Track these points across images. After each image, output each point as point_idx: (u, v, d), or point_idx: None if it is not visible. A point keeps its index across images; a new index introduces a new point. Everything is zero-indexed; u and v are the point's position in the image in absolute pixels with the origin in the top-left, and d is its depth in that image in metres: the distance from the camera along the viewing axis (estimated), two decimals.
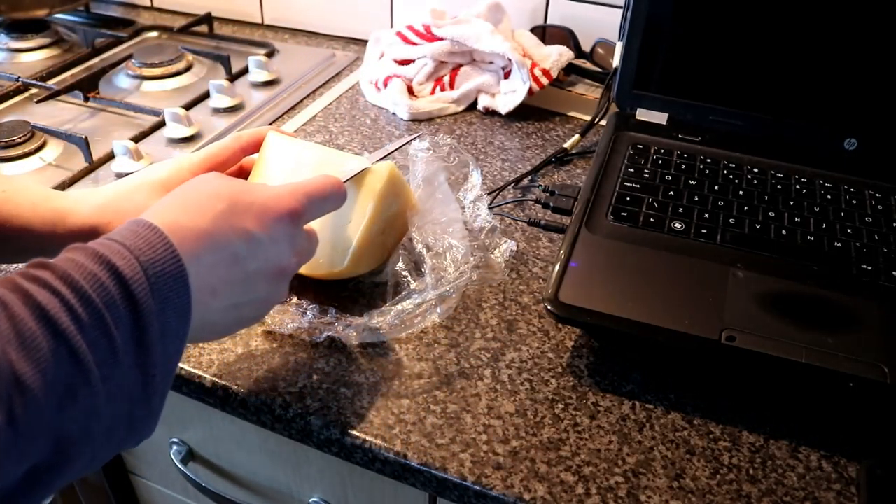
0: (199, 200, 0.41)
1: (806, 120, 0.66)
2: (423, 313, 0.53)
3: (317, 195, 0.46)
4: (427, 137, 0.63)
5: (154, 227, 0.37)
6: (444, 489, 0.46)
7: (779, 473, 0.46)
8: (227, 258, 0.40)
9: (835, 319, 0.49)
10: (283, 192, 0.44)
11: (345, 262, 0.54)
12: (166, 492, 0.74)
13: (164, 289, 0.36)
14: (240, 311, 0.43)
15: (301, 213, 0.45)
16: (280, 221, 0.43)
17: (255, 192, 0.43)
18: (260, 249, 0.42)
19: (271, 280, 0.44)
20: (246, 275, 0.42)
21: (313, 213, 0.46)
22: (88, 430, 0.33)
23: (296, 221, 0.45)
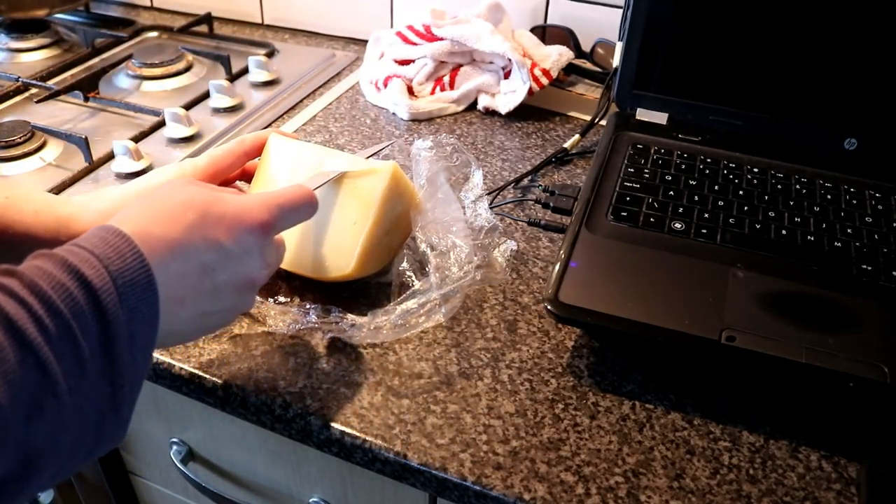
0: (171, 209, 0.40)
1: (806, 120, 0.66)
2: (427, 313, 0.53)
3: (288, 206, 0.46)
4: (430, 137, 0.62)
5: (123, 235, 0.37)
6: (444, 489, 0.46)
7: (779, 473, 0.46)
8: (196, 269, 0.40)
9: (835, 319, 0.49)
10: (254, 203, 0.44)
11: (351, 264, 0.54)
12: (166, 492, 0.74)
13: (133, 298, 0.35)
14: (206, 320, 0.43)
15: (272, 226, 0.45)
16: (251, 234, 0.43)
17: (227, 203, 0.43)
18: (230, 261, 0.42)
19: (240, 291, 0.44)
20: (215, 286, 0.42)
21: (285, 224, 0.46)
22: (55, 441, 0.32)
23: (267, 233, 0.44)
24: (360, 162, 0.55)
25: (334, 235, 0.54)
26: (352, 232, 0.54)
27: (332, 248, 0.54)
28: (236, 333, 0.55)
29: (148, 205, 0.41)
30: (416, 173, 0.59)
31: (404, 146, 0.78)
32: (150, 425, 0.67)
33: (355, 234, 0.54)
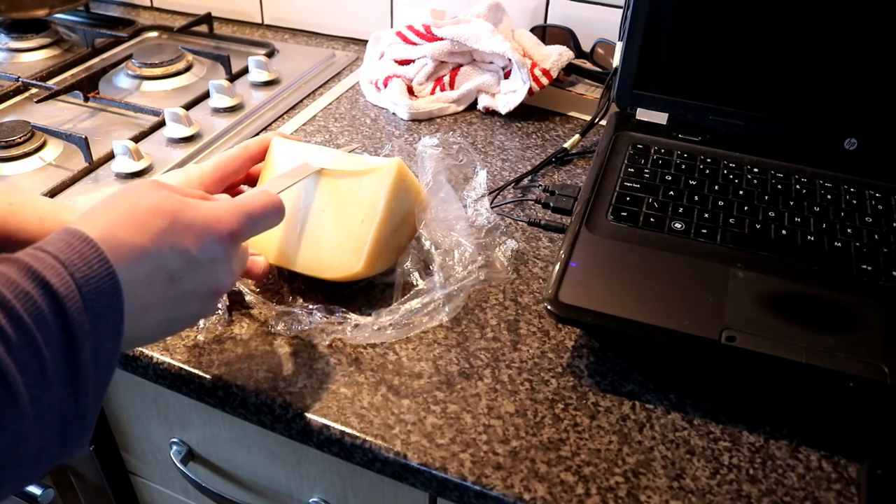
0: (140, 214, 0.40)
1: (806, 120, 0.66)
2: (430, 312, 0.53)
3: (256, 215, 0.45)
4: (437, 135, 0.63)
5: (90, 241, 0.36)
6: (444, 489, 0.46)
7: (779, 473, 0.46)
8: (163, 277, 0.40)
9: (835, 319, 0.49)
10: (223, 211, 0.44)
11: (360, 262, 0.53)
12: (166, 492, 0.74)
13: (98, 306, 0.35)
14: (170, 325, 0.43)
15: (240, 235, 0.44)
16: (219, 243, 0.43)
17: (196, 211, 0.42)
18: (198, 270, 0.42)
19: (205, 298, 0.44)
20: (181, 293, 0.41)
21: (252, 232, 0.46)
22: (16, 453, 0.32)
23: (234, 242, 0.44)
24: (364, 160, 0.55)
25: (342, 234, 0.54)
26: (360, 230, 0.54)
27: (340, 247, 0.54)
28: (236, 333, 0.55)
29: (116, 208, 0.40)
30: (420, 171, 0.59)
31: (404, 146, 0.78)
32: (150, 425, 0.67)
33: (364, 232, 0.54)
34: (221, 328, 0.55)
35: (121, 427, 0.70)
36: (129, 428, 0.70)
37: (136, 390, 0.64)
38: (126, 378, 0.63)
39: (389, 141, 0.79)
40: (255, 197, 0.46)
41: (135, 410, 0.67)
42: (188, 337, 0.55)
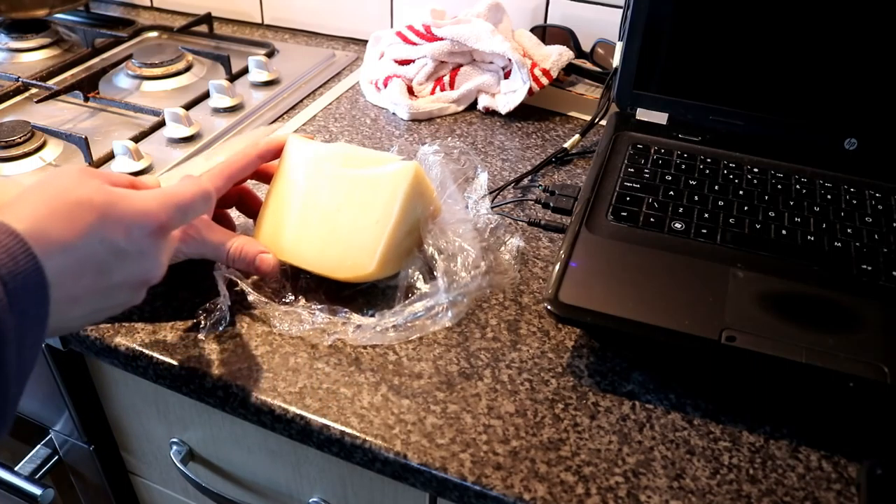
0: (70, 208, 0.39)
1: (806, 120, 0.66)
2: (433, 317, 0.53)
3: (185, 204, 0.45)
4: (437, 142, 0.63)
5: (16, 235, 0.35)
6: (444, 489, 0.46)
7: (779, 473, 0.46)
8: (91, 270, 0.39)
9: (835, 319, 0.49)
10: (152, 203, 0.43)
11: (373, 263, 0.53)
12: (166, 492, 0.74)
13: (24, 301, 0.34)
14: (96, 315, 0.43)
15: (169, 226, 0.44)
16: (149, 236, 0.43)
17: (125, 203, 0.41)
18: (127, 262, 0.42)
19: (134, 289, 0.44)
20: (110, 285, 0.41)
21: (182, 221, 0.46)
22: None
23: (164, 233, 0.44)
24: (381, 162, 0.55)
25: (355, 235, 0.54)
26: (374, 232, 0.54)
27: (352, 248, 0.54)
28: (237, 333, 0.55)
29: (44, 199, 0.39)
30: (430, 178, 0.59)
31: (406, 146, 0.78)
32: (150, 425, 0.67)
33: (377, 234, 0.53)
34: (222, 328, 0.55)
35: (121, 427, 0.70)
36: (129, 428, 0.70)
37: (136, 390, 0.64)
38: (126, 378, 0.63)
39: (390, 141, 0.79)
40: (184, 186, 0.46)
41: (135, 410, 0.67)
42: (188, 337, 0.55)
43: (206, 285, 0.59)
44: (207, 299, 0.57)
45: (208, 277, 0.60)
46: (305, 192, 0.56)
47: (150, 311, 0.57)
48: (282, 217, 0.57)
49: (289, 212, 0.56)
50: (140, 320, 0.56)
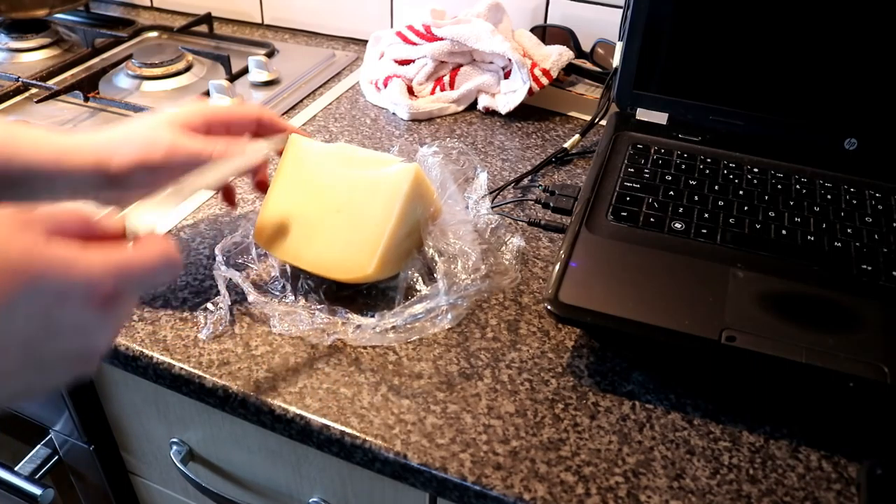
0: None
1: (806, 120, 0.66)
2: (433, 319, 0.53)
3: (139, 272, 0.38)
4: (435, 143, 0.63)
5: None
6: (444, 489, 0.46)
7: (779, 473, 0.46)
8: (16, 346, 0.34)
9: (835, 319, 0.49)
10: (96, 269, 0.36)
11: (372, 265, 0.53)
12: (166, 492, 0.74)
13: None
14: (27, 392, 0.37)
15: (117, 297, 0.37)
16: (90, 308, 0.36)
17: (61, 267, 0.35)
18: (61, 338, 0.36)
19: (76, 364, 0.38)
20: (41, 362, 0.36)
21: (136, 291, 0.40)
22: None
23: (111, 305, 0.37)
24: (382, 163, 0.55)
25: (355, 236, 0.54)
26: (374, 233, 0.54)
27: (352, 249, 0.54)
28: (237, 333, 0.55)
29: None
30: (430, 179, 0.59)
31: (406, 146, 0.78)
32: (150, 425, 0.67)
33: (377, 235, 0.53)
34: (222, 328, 0.55)
35: (121, 427, 0.70)
36: (129, 428, 0.70)
37: (136, 390, 0.64)
38: (126, 378, 0.63)
39: (390, 141, 0.79)
40: (144, 248, 0.39)
41: (135, 410, 0.67)
42: (188, 337, 0.55)
43: (206, 285, 0.59)
44: (207, 299, 0.57)
45: (208, 277, 0.60)
46: (305, 193, 0.56)
47: (150, 310, 0.57)
48: (282, 217, 0.57)
49: (289, 212, 0.56)
50: (140, 320, 0.56)
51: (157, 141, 0.52)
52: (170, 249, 0.39)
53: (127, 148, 0.52)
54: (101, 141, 0.51)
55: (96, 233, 0.39)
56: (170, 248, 0.39)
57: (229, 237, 0.60)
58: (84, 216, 0.39)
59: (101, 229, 0.40)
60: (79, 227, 0.38)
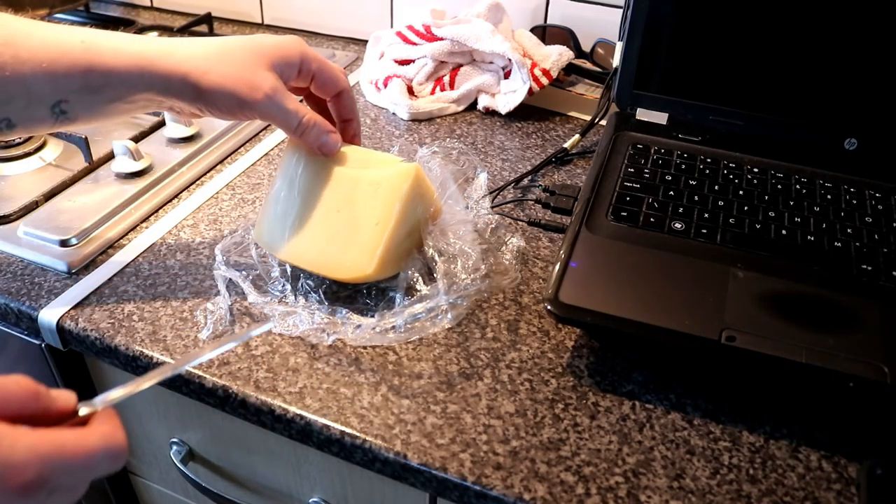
0: None
1: (806, 120, 0.66)
2: (433, 318, 0.53)
3: (75, 462, 0.35)
4: (435, 143, 0.63)
5: None
6: (444, 489, 0.46)
7: (779, 473, 0.46)
8: None
9: (835, 319, 0.49)
10: (20, 455, 0.33)
11: (373, 264, 0.53)
12: (166, 492, 0.74)
13: None
14: None
15: (41, 484, 0.34)
16: (9, 496, 0.33)
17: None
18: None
19: None
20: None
21: (65, 481, 0.35)
22: None
23: (31, 494, 0.34)
24: (382, 163, 0.55)
25: (355, 235, 0.54)
26: (374, 232, 0.54)
27: (352, 248, 0.54)
28: (236, 333, 0.55)
29: None
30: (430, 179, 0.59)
31: (406, 146, 0.78)
32: (150, 425, 0.67)
33: (377, 235, 0.54)
34: (222, 328, 0.55)
35: None
36: (129, 428, 0.69)
37: None
38: (126, 378, 0.63)
39: (390, 141, 0.79)
40: (79, 436, 0.35)
41: (135, 410, 0.67)
42: (188, 337, 0.55)
43: (206, 285, 0.59)
44: (207, 299, 0.57)
45: (208, 277, 0.60)
46: (305, 192, 0.56)
47: (150, 311, 0.57)
48: (282, 217, 0.57)
49: (289, 211, 0.56)
50: (140, 320, 0.56)
51: (257, 84, 0.52)
52: (113, 437, 0.36)
53: (223, 72, 0.51)
54: (196, 53, 0.51)
55: (43, 408, 0.36)
56: (113, 436, 0.36)
57: (229, 237, 0.60)
58: (32, 389, 0.36)
59: (50, 404, 0.37)
60: (24, 400, 0.35)
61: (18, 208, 0.67)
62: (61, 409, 0.37)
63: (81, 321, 0.56)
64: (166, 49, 0.51)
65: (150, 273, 0.61)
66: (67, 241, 0.63)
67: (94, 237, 0.64)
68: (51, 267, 0.62)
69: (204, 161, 0.76)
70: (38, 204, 0.68)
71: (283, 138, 0.80)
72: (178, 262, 0.62)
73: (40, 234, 0.64)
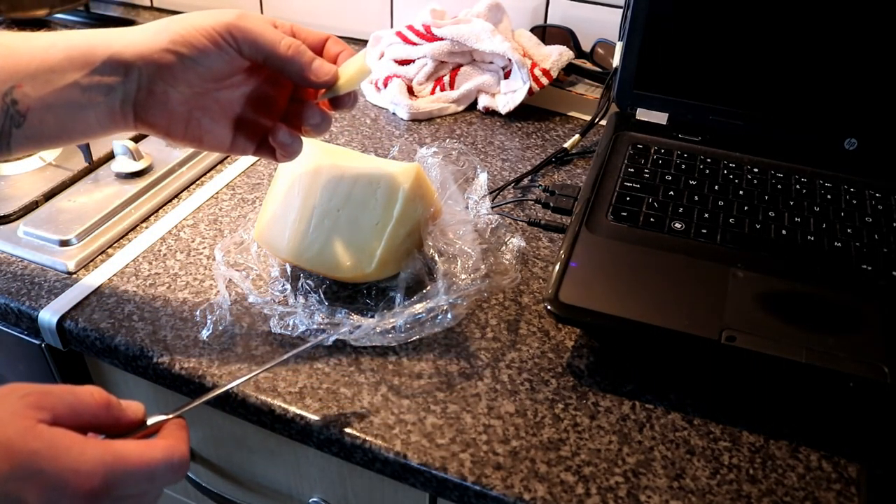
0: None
1: (806, 120, 0.66)
2: (433, 318, 0.53)
3: (141, 471, 0.36)
4: (434, 144, 0.63)
5: None
6: (444, 489, 0.46)
7: (779, 473, 0.46)
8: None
9: (835, 319, 0.49)
10: (88, 463, 0.35)
11: (372, 265, 0.54)
12: (166, 491, 0.74)
13: None
14: None
15: (105, 492, 0.35)
16: (72, 502, 0.35)
17: (49, 456, 0.34)
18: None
19: None
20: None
21: (132, 489, 0.37)
22: None
23: (99, 500, 0.35)
24: (383, 163, 0.55)
25: (356, 235, 0.54)
26: (374, 232, 0.54)
27: (353, 248, 0.54)
28: (237, 333, 0.55)
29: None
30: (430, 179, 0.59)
31: (406, 146, 0.78)
32: None
33: (378, 235, 0.54)
34: (222, 328, 0.55)
35: None
36: None
37: (136, 390, 0.64)
38: (126, 378, 0.63)
39: (390, 141, 0.79)
40: (144, 448, 0.37)
41: None
42: (188, 337, 0.55)
43: (206, 285, 0.59)
44: (207, 299, 0.57)
45: (208, 277, 0.60)
46: (306, 192, 0.56)
47: (150, 310, 0.57)
48: (282, 216, 0.57)
49: (289, 211, 0.56)
50: (140, 320, 0.56)
51: (244, 15, 0.47)
52: (177, 449, 0.38)
53: (206, 21, 0.47)
54: (175, 24, 0.48)
55: (113, 418, 0.38)
56: (177, 449, 0.38)
57: (229, 237, 0.60)
58: (104, 400, 0.38)
59: (120, 415, 0.39)
60: (96, 410, 0.37)
61: (18, 208, 0.67)
62: (131, 419, 0.40)
63: (81, 321, 0.56)
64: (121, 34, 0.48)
65: (150, 273, 0.61)
66: (67, 241, 0.63)
67: (94, 237, 0.64)
68: (51, 267, 0.62)
69: (204, 161, 0.76)
70: (38, 204, 0.68)
71: None
72: (178, 262, 0.62)
73: (40, 234, 0.64)
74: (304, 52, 0.47)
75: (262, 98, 0.52)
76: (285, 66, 0.47)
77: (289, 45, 0.47)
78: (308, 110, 0.51)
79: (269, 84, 0.51)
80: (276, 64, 0.47)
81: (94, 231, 0.65)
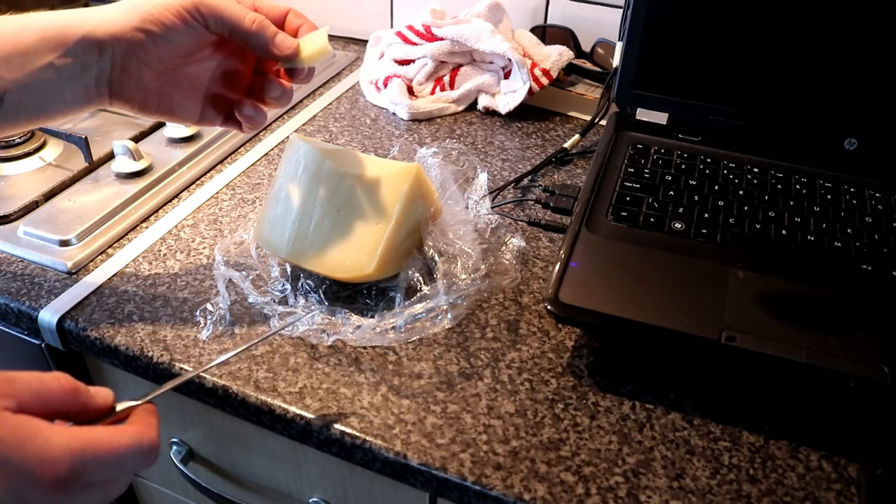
0: None
1: (806, 120, 0.66)
2: (433, 319, 0.53)
3: (109, 457, 0.36)
4: (434, 144, 0.63)
5: None
6: (444, 489, 0.46)
7: (779, 473, 0.46)
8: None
9: (835, 319, 0.49)
10: (55, 450, 0.34)
11: (372, 265, 0.53)
12: (166, 492, 0.74)
13: None
14: None
15: (73, 480, 0.35)
16: (41, 491, 0.34)
17: (15, 443, 0.34)
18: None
19: None
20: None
21: (100, 477, 0.36)
22: None
23: (64, 489, 0.35)
24: (383, 163, 0.56)
25: (356, 235, 0.54)
26: (374, 232, 0.54)
27: (353, 248, 0.54)
28: (237, 333, 0.55)
29: None
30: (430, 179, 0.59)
31: (406, 146, 0.78)
32: None
33: (378, 235, 0.54)
34: (222, 328, 0.55)
35: None
36: None
37: (136, 390, 0.64)
38: (126, 378, 0.63)
39: (390, 141, 0.79)
40: (113, 433, 0.37)
41: None
42: (188, 337, 0.55)
43: (206, 285, 0.59)
44: (207, 299, 0.57)
45: (208, 277, 0.60)
46: (305, 192, 0.56)
47: (150, 310, 0.57)
48: (282, 217, 0.57)
49: (289, 211, 0.56)
50: (140, 320, 0.56)
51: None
52: (146, 435, 0.37)
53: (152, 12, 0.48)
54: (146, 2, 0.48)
55: (81, 405, 0.38)
56: (146, 434, 0.37)
57: (229, 237, 0.60)
58: (71, 386, 0.37)
59: (88, 401, 0.38)
60: (63, 397, 0.37)
61: (18, 208, 0.67)
62: (99, 406, 0.39)
63: (81, 321, 0.56)
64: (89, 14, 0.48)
65: (150, 273, 0.61)
66: (67, 241, 0.63)
67: (94, 237, 0.64)
68: (51, 267, 0.62)
69: (204, 161, 0.76)
70: (38, 204, 0.68)
71: (283, 138, 0.80)
72: (178, 262, 0.62)
73: (40, 234, 0.64)
74: (268, 26, 0.51)
75: (228, 72, 0.56)
76: (250, 39, 0.50)
77: (253, 19, 0.50)
78: (269, 84, 0.55)
79: (235, 58, 0.55)
80: (241, 37, 0.50)
81: (94, 231, 0.65)
